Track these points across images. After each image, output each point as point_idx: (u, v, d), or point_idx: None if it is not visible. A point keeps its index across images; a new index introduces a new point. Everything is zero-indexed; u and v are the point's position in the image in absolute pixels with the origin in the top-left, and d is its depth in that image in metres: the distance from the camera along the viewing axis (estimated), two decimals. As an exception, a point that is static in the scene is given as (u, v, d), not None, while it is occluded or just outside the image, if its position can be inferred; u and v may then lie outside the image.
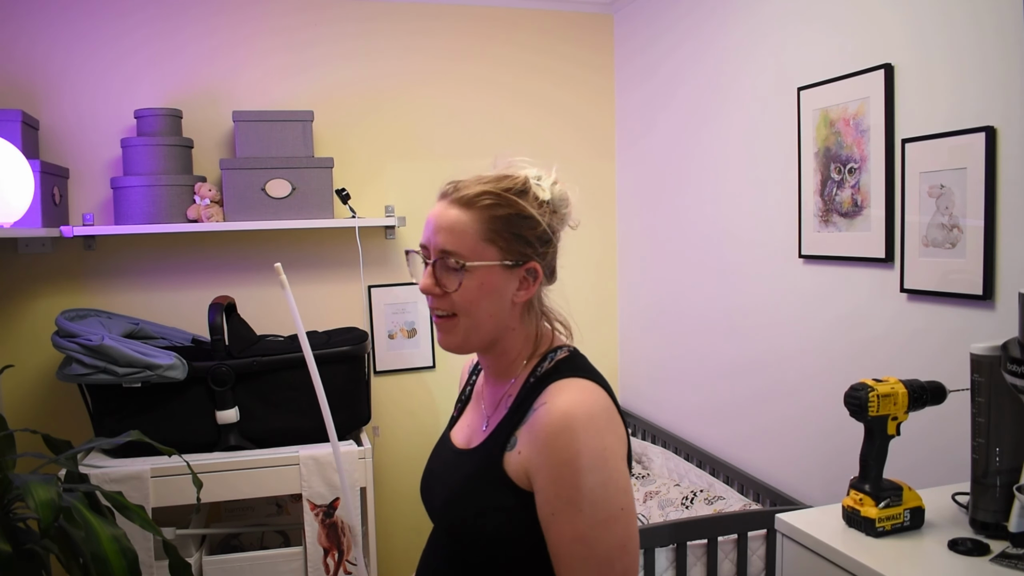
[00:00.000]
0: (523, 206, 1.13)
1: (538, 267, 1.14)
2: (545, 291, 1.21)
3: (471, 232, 1.10)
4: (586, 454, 0.98)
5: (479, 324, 1.12)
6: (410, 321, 2.99)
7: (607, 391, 1.07)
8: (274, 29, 2.80)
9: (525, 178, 1.17)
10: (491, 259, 1.10)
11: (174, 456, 1.88)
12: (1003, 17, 1.50)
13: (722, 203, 2.48)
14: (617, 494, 0.99)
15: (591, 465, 0.98)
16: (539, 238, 1.14)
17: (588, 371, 1.09)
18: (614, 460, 1.00)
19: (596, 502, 0.97)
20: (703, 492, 2.32)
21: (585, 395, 1.03)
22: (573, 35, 3.13)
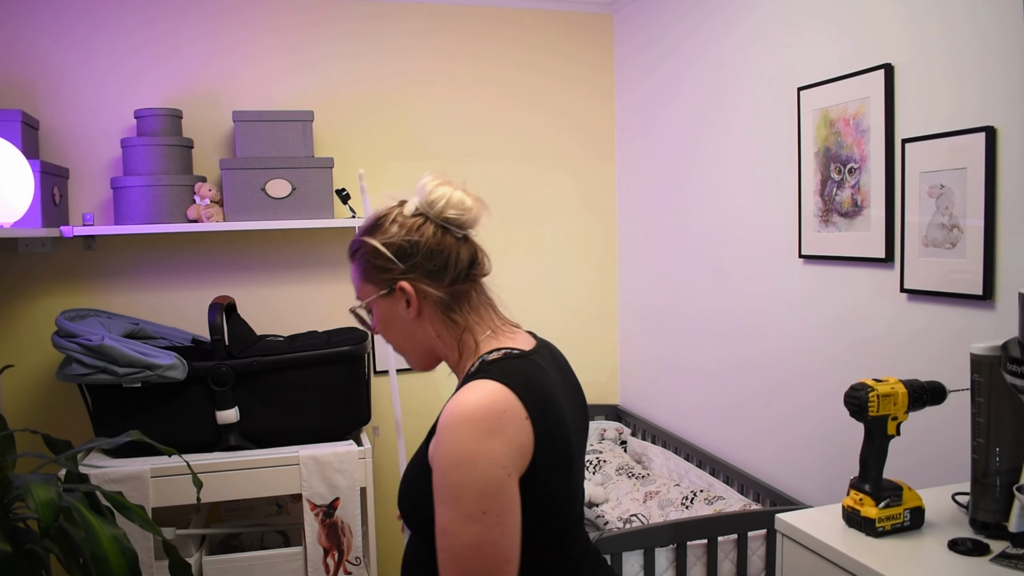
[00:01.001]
0: (368, 242, 1.19)
1: (406, 284, 1.17)
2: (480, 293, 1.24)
3: (356, 280, 1.23)
4: (456, 452, 1.01)
5: (406, 348, 1.25)
6: (410, 321, 2.99)
7: (523, 395, 1.06)
8: (274, 29, 2.80)
9: (377, 214, 1.24)
10: (371, 294, 1.20)
11: (174, 456, 1.88)
12: (1003, 17, 1.50)
13: (722, 203, 2.48)
14: (481, 498, 1.00)
15: (458, 463, 1.01)
16: (398, 256, 1.17)
17: (505, 373, 1.08)
18: (487, 464, 1.00)
19: (458, 499, 1.01)
20: (703, 492, 2.32)
21: (479, 395, 1.04)
22: (573, 35, 3.13)
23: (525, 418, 1.05)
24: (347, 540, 2.33)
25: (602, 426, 3.13)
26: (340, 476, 2.30)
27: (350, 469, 2.31)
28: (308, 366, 2.38)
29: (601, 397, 3.28)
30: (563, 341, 1.40)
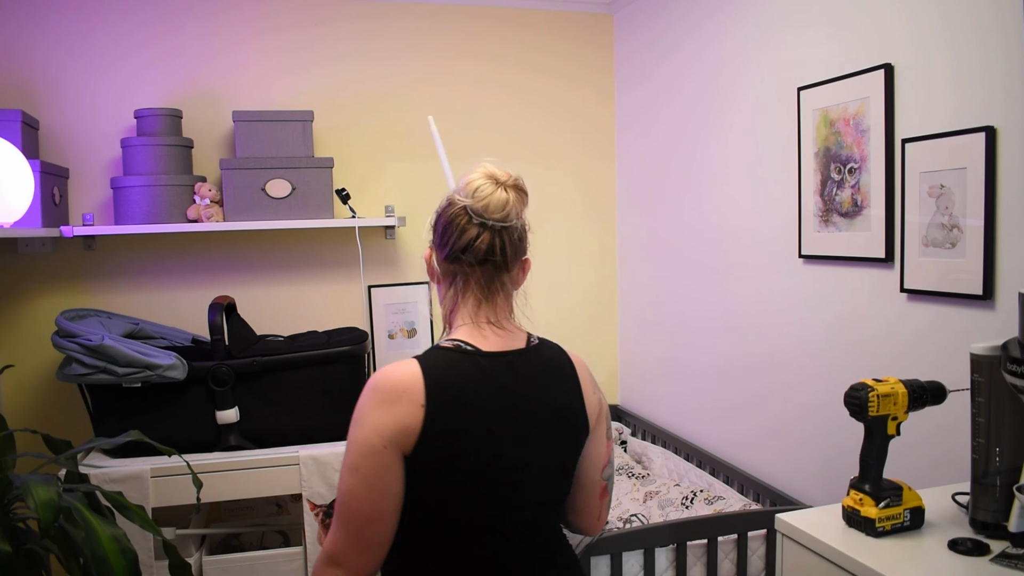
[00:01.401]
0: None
1: (428, 249, 1.34)
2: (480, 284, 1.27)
3: None
4: (357, 409, 1.17)
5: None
6: (410, 321, 2.99)
7: (432, 386, 1.15)
8: (274, 29, 2.80)
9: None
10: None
11: (174, 456, 1.88)
12: (1003, 17, 1.50)
13: (722, 203, 2.48)
14: (358, 455, 1.14)
15: (354, 419, 1.17)
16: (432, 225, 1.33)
17: (433, 362, 1.19)
18: (369, 429, 1.14)
19: (347, 450, 1.17)
20: (703, 492, 2.32)
21: (396, 369, 1.17)
22: (573, 35, 3.13)
23: (420, 406, 1.14)
24: (347, 540, 2.32)
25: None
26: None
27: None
28: (308, 366, 2.38)
29: (601, 397, 3.28)
30: (563, 341, 1.41)
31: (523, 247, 1.30)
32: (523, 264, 1.32)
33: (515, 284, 1.31)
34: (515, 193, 1.28)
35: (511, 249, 1.26)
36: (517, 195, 1.28)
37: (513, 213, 1.26)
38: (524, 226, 1.30)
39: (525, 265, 1.33)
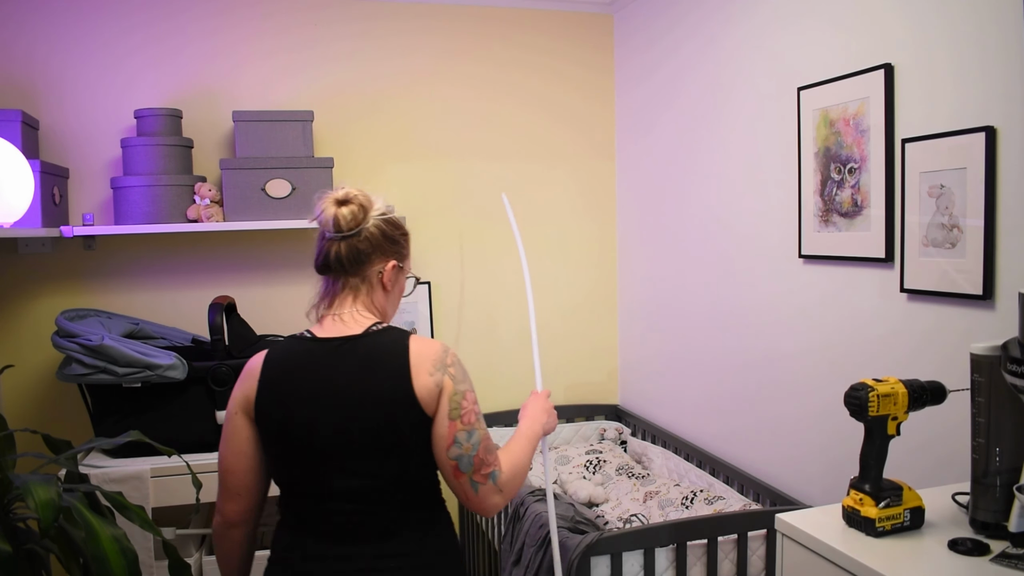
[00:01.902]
0: None
1: None
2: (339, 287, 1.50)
3: None
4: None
5: None
6: (410, 321, 2.99)
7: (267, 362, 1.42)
8: (274, 29, 2.80)
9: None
10: None
11: (174, 456, 1.88)
12: (1003, 17, 1.50)
13: (722, 203, 2.48)
14: (224, 418, 1.47)
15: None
16: None
17: (276, 344, 1.46)
18: (231, 399, 1.44)
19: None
20: (703, 492, 2.32)
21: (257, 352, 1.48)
22: (573, 35, 3.13)
23: (256, 379, 1.40)
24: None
25: (602, 426, 3.13)
26: (340, 476, 2.30)
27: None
28: (308, 366, 2.37)
29: (601, 397, 3.28)
30: (563, 341, 1.42)
31: (368, 254, 1.45)
32: (385, 267, 1.48)
33: (369, 283, 1.47)
34: (347, 208, 1.44)
35: (349, 255, 1.44)
36: (350, 209, 1.44)
37: (345, 225, 1.42)
38: (373, 236, 1.45)
39: (387, 267, 1.48)
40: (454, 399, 1.37)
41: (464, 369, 1.43)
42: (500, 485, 1.39)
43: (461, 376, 1.40)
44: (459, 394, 1.38)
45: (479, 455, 1.37)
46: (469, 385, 1.41)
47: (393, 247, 1.50)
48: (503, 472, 1.40)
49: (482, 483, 1.38)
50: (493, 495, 1.39)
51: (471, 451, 1.36)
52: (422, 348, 1.40)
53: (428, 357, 1.38)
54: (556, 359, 3.21)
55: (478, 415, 1.39)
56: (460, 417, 1.36)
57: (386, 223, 1.49)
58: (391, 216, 1.51)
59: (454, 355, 1.43)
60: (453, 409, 1.36)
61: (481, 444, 1.37)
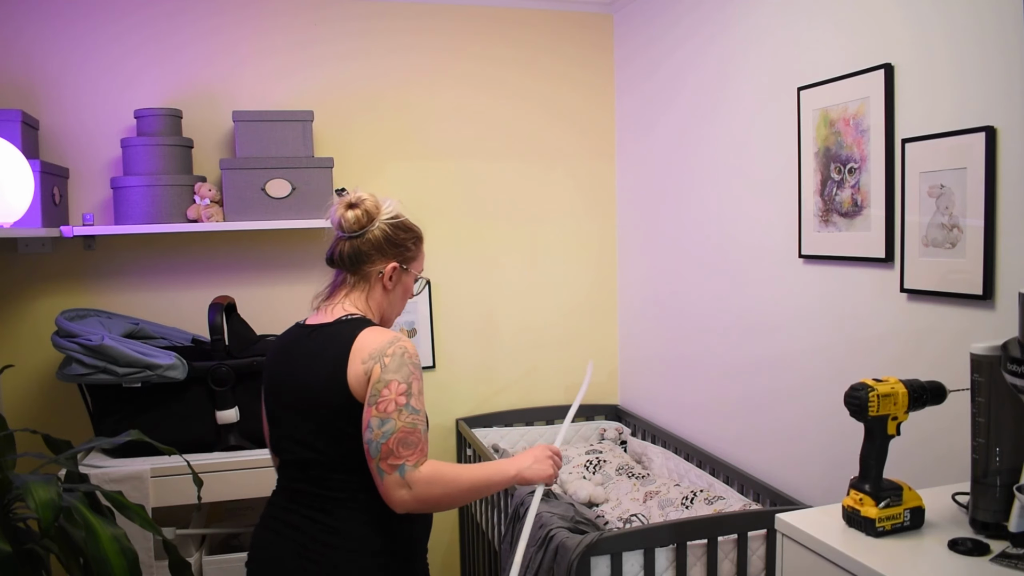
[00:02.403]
0: None
1: None
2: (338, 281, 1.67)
3: None
4: None
5: None
6: (410, 321, 2.99)
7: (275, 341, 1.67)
8: (274, 29, 2.80)
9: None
10: None
11: (174, 456, 1.88)
12: (1003, 17, 1.50)
13: (722, 203, 2.48)
14: None
15: None
16: None
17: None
18: None
19: None
20: (703, 492, 2.32)
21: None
22: (573, 35, 3.13)
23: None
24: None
25: (602, 426, 3.13)
26: (340, 476, 2.30)
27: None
28: (308, 366, 2.38)
29: (601, 397, 3.29)
30: (563, 341, 1.43)
31: (368, 254, 1.58)
32: (385, 267, 1.60)
33: (367, 281, 1.60)
34: (352, 212, 1.58)
35: (351, 254, 1.58)
36: (354, 213, 1.58)
37: (348, 228, 1.58)
38: (375, 238, 1.58)
39: (387, 267, 1.60)
40: (376, 386, 1.43)
41: (404, 362, 1.45)
42: (409, 481, 1.41)
43: (394, 367, 1.44)
44: (382, 382, 1.43)
45: (388, 444, 1.41)
46: (401, 377, 1.44)
47: (396, 249, 1.61)
48: (419, 471, 1.42)
49: (388, 472, 1.41)
50: (398, 488, 1.42)
51: (380, 438, 1.41)
52: (367, 338, 1.48)
53: (367, 347, 1.46)
54: (556, 359, 3.21)
55: (400, 407, 1.42)
56: (376, 404, 1.42)
57: (392, 227, 1.60)
58: (400, 220, 1.63)
59: (401, 347, 1.47)
60: (372, 395, 1.43)
61: (395, 435, 1.41)
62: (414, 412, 1.44)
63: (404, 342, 1.49)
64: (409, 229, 1.65)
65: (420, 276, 1.70)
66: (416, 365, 1.48)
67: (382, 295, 1.62)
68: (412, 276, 1.67)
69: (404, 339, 1.51)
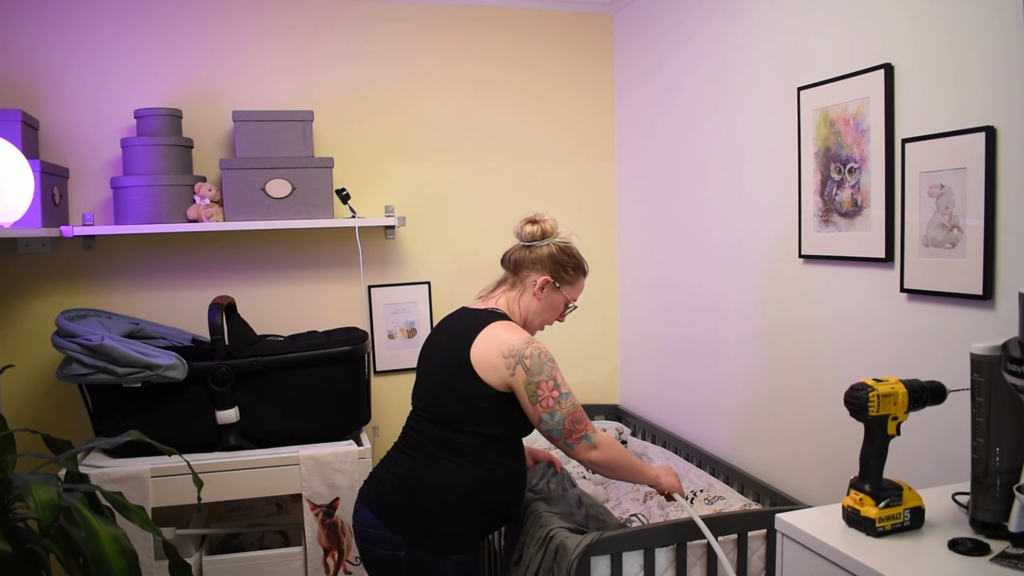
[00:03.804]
0: None
1: None
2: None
3: None
4: None
5: None
6: (410, 321, 3.00)
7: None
8: (274, 29, 2.80)
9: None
10: None
11: (174, 456, 1.88)
12: (1003, 17, 1.50)
13: (722, 203, 2.48)
14: None
15: None
16: None
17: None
18: None
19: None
20: (703, 492, 2.32)
21: None
22: (573, 35, 3.13)
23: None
24: (347, 540, 2.33)
25: (602, 426, 3.13)
26: (340, 476, 2.30)
27: (350, 469, 2.31)
28: (308, 366, 2.38)
29: (601, 397, 3.29)
30: (563, 341, 1.43)
31: (531, 263, 1.87)
32: (537, 278, 1.85)
33: (523, 286, 1.88)
34: (531, 226, 1.89)
35: (516, 259, 1.89)
36: (532, 228, 1.88)
37: (524, 237, 1.89)
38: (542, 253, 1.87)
39: (540, 278, 1.85)
40: (530, 388, 1.72)
41: (543, 362, 1.73)
42: (596, 443, 1.78)
43: (536, 368, 1.72)
44: (533, 384, 1.72)
45: (566, 427, 1.75)
46: (546, 375, 1.73)
47: (555, 267, 1.87)
48: (599, 435, 1.79)
49: (576, 443, 1.77)
50: (589, 450, 1.78)
51: (557, 425, 1.74)
52: (499, 330, 1.75)
53: (504, 341, 1.73)
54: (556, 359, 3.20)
55: (557, 399, 1.73)
56: (539, 403, 1.73)
57: (560, 249, 1.88)
58: (568, 246, 1.90)
59: (536, 348, 1.73)
60: (531, 396, 1.73)
61: (567, 419, 1.74)
62: (568, 396, 1.76)
63: (537, 344, 1.76)
64: (574, 256, 1.90)
65: (572, 303, 1.92)
66: (551, 359, 1.76)
67: (531, 302, 1.87)
68: (563, 298, 1.90)
69: (536, 340, 1.77)
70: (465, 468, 1.74)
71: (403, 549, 1.72)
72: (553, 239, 1.89)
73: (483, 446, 1.76)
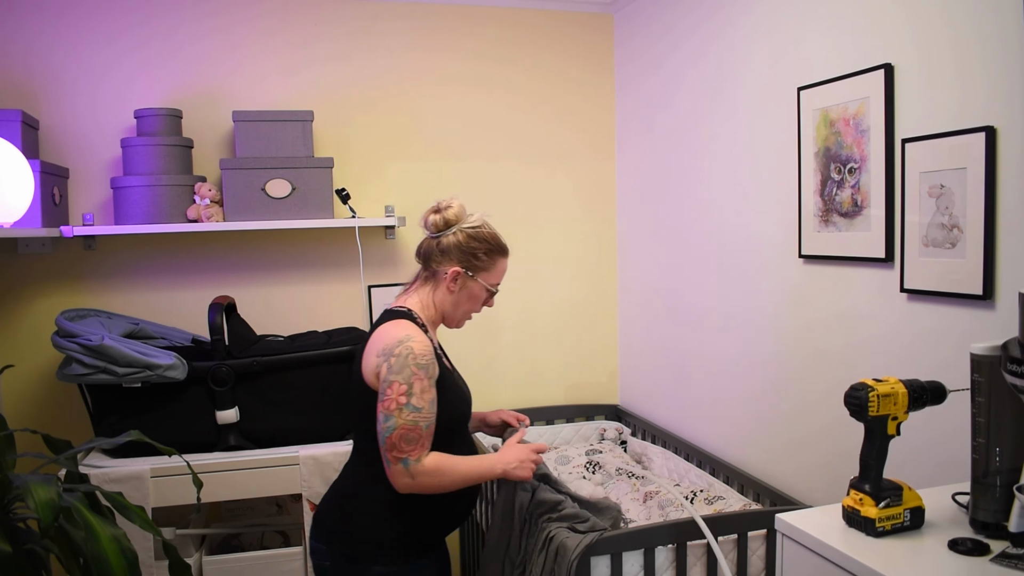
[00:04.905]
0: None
1: None
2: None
3: None
4: None
5: None
6: (410, 321, 2.99)
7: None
8: (274, 29, 2.80)
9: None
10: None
11: (174, 456, 1.88)
12: (1004, 17, 1.50)
13: (722, 203, 2.48)
14: None
15: None
16: None
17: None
18: None
19: None
20: (703, 492, 2.32)
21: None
22: (573, 35, 3.13)
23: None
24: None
25: (602, 426, 3.13)
26: (340, 476, 2.30)
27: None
28: (308, 366, 2.38)
29: (601, 397, 3.29)
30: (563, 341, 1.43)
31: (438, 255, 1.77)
32: (448, 269, 1.76)
33: (436, 279, 1.79)
34: (435, 215, 1.77)
35: (426, 251, 1.81)
36: (435, 217, 1.77)
37: (428, 228, 1.79)
38: (450, 242, 1.76)
39: (450, 271, 1.76)
40: (383, 385, 1.61)
41: (407, 363, 1.61)
42: (412, 472, 1.61)
43: (398, 368, 1.60)
44: (387, 382, 1.60)
45: (392, 439, 1.59)
46: (403, 378, 1.60)
47: (464, 256, 1.76)
48: (421, 464, 1.61)
49: (393, 463, 1.61)
50: (402, 476, 1.62)
51: (385, 432, 1.60)
52: (383, 332, 1.67)
53: (381, 341, 1.65)
54: (556, 359, 3.21)
55: (401, 406, 1.59)
56: (382, 401, 1.61)
57: (468, 236, 1.76)
58: (477, 231, 1.77)
59: (407, 348, 1.62)
60: (381, 393, 1.62)
61: (396, 431, 1.59)
62: (415, 410, 1.59)
63: (412, 342, 1.62)
64: (484, 240, 1.78)
65: (493, 288, 1.83)
66: (420, 365, 1.61)
67: (445, 295, 1.78)
68: (481, 285, 1.79)
69: (415, 339, 1.64)
70: (383, 476, 1.67)
71: (329, 559, 1.73)
72: (460, 226, 1.76)
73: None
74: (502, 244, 1.82)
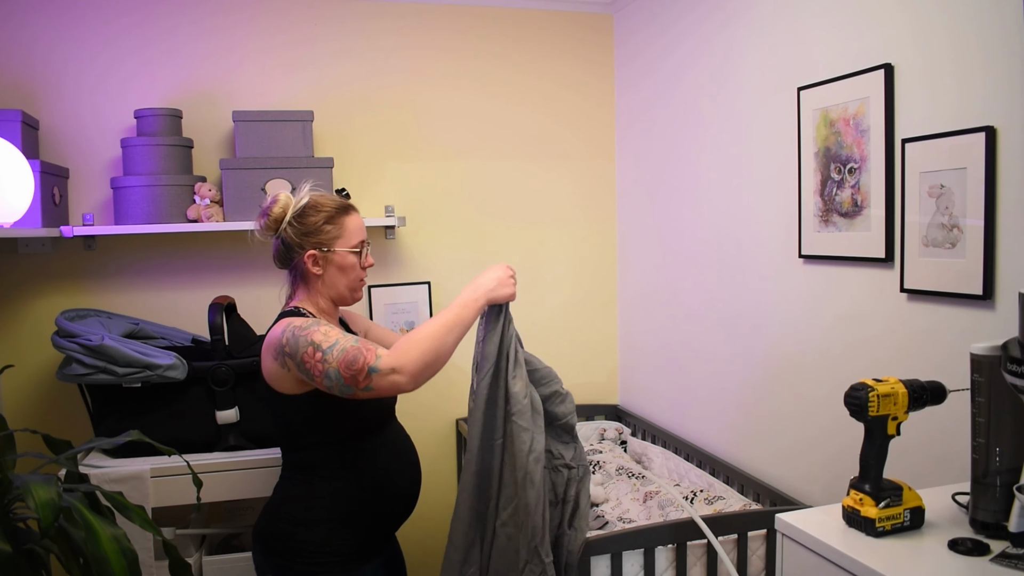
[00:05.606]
0: None
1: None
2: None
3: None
4: None
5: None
6: (410, 321, 2.99)
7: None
8: (273, 29, 2.80)
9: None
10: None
11: (174, 456, 1.88)
12: (1004, 17, 1.50)
13: (722, 203, 2.48)
14: None
15: None
16: None
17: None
18: None
19: None
20: (703, 492, 2.32)
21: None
22: (573, 35, 3.13)
23: None
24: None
25: (602, 426, 3.13)
26: (340, 476, 2.30)
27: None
28: (308, 366, 2.37)
29: (601, 397, 3.29)
30: (563, 340, 1.42)
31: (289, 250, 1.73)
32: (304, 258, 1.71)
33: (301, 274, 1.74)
34: (262, 220, 1.73)
35: (277, 255, 1.79)
36: (263, 222, 1.72)
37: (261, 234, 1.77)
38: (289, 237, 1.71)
39: (305, 257, 1.71)
40: (303, 372, 1.56)
41: (296, 336, 1.57)
42: (384, 367, 1.50)
43: (294, 348, 1.56)
44: (301, 365, 1.56)
45: (344, 378, 1.52)
46: (303, 348, 1.55)
47: (306, 238, 1.69)
48: (383, 357, 1.52)
49: (371, 384, 1.51)
50: (385, 378, 1.51)
51: (339, 382, 1.52)
52: (269, 337, 1.64)
53: (271, 345, 1.62)
54: (556, 359, 3.19)
55: (323, 359, 1.53)
56: (314, 377, 1.55)
57: (297, 219, 1.68)
58: (303, 207, 1.68)
59: (289, 330, 1.58)
60: (308, 377, 1.57)
61: (339, 370, 1.51)
62: (333, 346, 1.53)
63: (290, 322, 1.61)
64: (316, 209, 1.68)
65: (361, 248, 1.73)
66: (301, 327, 1.58)
67: (317, 281, 1.73)
68: (343, 253, 1.70)
69: (291, 320, 1.61)
70: (312, 482, 1.70)
71: (268, 572, 1.74)
72: (289, 214, 1.69)
73: (324, 457, 1.70)
74: (340, 204, 1.73)
